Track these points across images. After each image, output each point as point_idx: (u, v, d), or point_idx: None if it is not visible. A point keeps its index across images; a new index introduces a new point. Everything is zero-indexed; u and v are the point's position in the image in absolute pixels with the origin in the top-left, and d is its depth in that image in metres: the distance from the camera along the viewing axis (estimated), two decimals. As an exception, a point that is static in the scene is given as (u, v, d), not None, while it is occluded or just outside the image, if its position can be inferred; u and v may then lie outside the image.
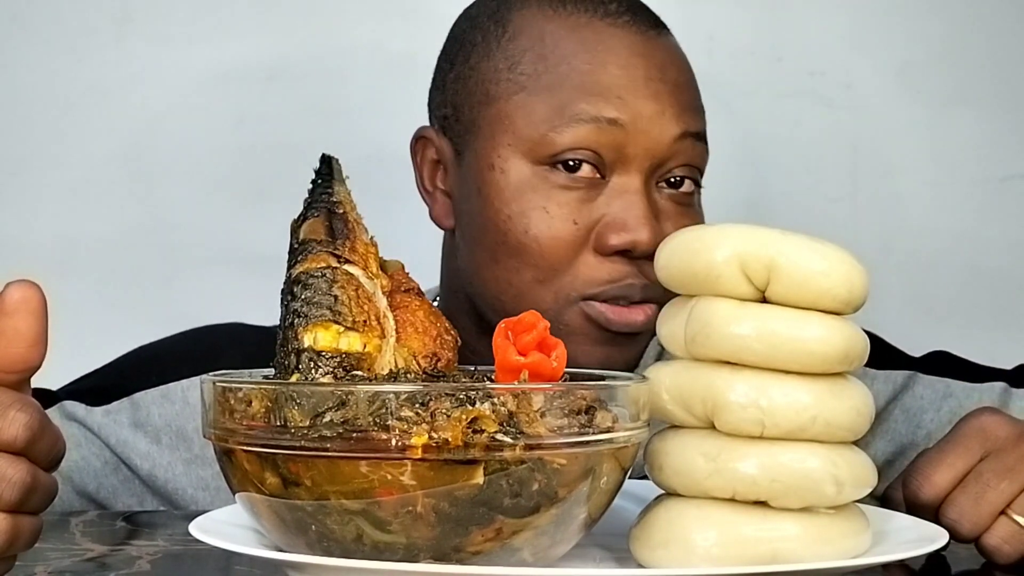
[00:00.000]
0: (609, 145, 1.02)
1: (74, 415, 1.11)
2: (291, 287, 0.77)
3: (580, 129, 1.02)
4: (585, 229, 1.03)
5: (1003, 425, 0.89)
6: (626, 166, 1.03)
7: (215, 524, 0.78)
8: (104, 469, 1.11)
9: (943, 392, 1.17)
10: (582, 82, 1.03)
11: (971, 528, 0.86)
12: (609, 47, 1.05)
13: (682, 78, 1.07)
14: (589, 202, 1.03)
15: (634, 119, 1.03)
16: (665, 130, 1.03)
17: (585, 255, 1.03)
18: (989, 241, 1.53)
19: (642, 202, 1.03)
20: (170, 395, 1.12)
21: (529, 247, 1.03)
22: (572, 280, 1.03)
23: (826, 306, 0.75)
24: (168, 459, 1.11)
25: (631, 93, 1.03)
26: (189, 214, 1.48)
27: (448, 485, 0.69)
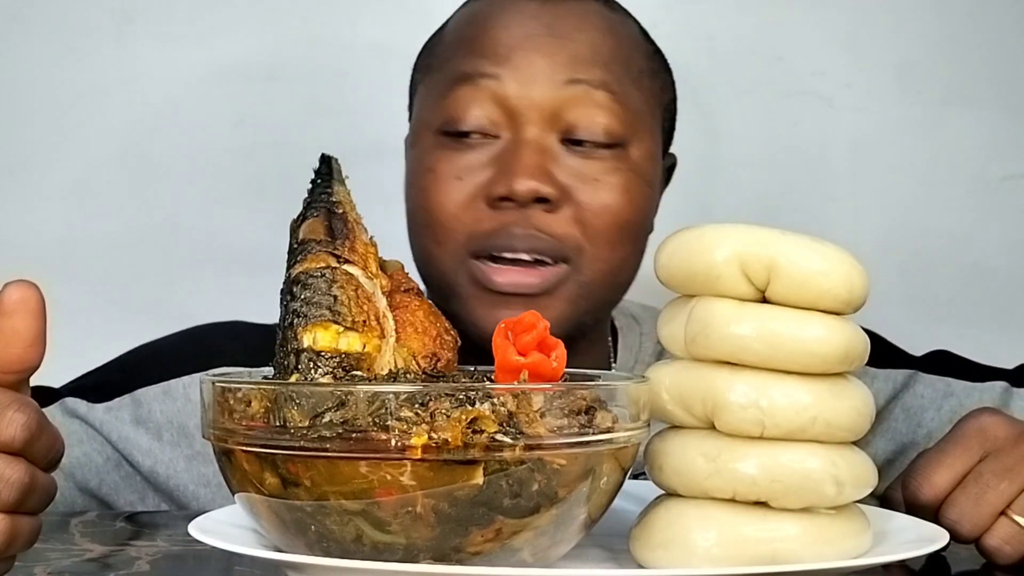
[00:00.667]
0: (490, 100, 1.03)
1: (76, 412, 1.11)
2: (290, 287, 0.77)
3: (462, 89, 1.04)
4: (473, 186, 1.03)
5: (1003, 425, 0.89)
6: (515, 120, 1.03)
7: (215, 524, 0.78)
8: (106, 465, 1.11)
9: (944, 391, 1.18)
10: (467, 47, 1.06)
11: (971, 529, 0.86)
12: (497, 13, 1.06)
13: (580, 35, 1.05)
14: (480, 160, 1.03)
15: (513, 71, 1.03)
16: (548, 79, 1.03)
17: (475, 211, 1.03)
18: (989, 241, 1.53)
19: (526, 150, 1.02)
20: (171, 392, 1.12)
21: (421, 208, 1.05)
22: (461, 237, 1.03)
23: (826, 306, 0.75)
24: (169, 455, 1.11)
25: (510, 48, 1.04)
26: (189, 214, 1.47)
27: (448, 485, 0.69)
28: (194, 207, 1.48)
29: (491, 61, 1.03)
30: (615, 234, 1.04)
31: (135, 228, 1.47)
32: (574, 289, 1.04)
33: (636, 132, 1.06)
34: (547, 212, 1.01)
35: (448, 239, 1.03)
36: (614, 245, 1.04)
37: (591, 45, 1.05)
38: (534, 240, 1.01)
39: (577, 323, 1.05)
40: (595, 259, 1.03)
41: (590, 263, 1.03)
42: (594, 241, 1.03)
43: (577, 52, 1.04)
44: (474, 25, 1.07)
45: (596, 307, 1.07)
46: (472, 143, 1.03)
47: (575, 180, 1.03)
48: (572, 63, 1.03)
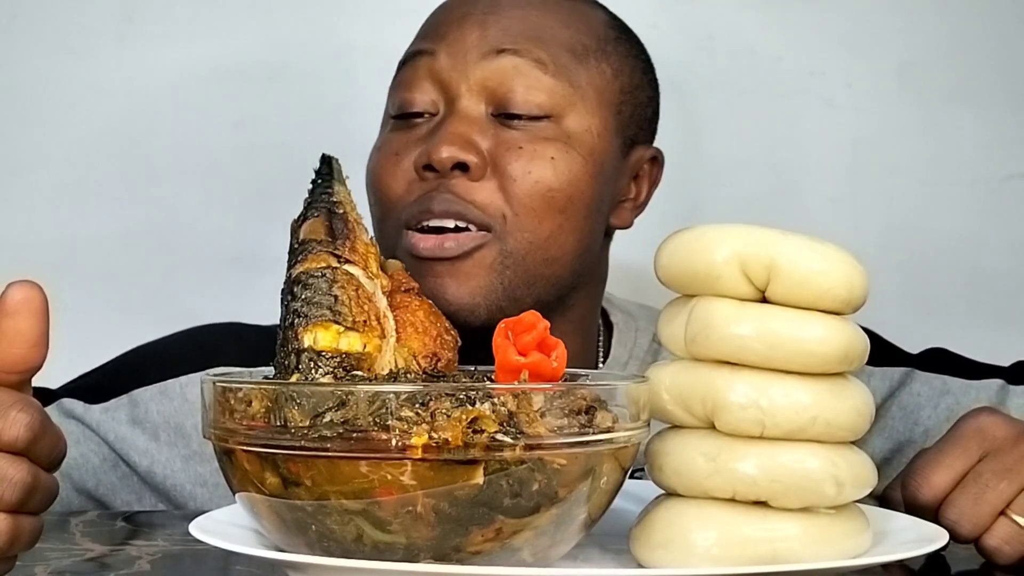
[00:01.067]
0: (428, 78, 1.05)
1: (72, 412, 1.11)
2: (291, 287, 0.78)
3: (405, 71, 1.07)
4: (408, 160, 1.04)
5: (1001, 425, 0.89)
6: (448, 94, 1.05)
7: (215, 524, 0.78)
8: (103, 466, 1.11)
9: (940, 389, 1.18)
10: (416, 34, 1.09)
11: (971, 529, 0.86)
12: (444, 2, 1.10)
13: (517, 11, 1.06)
14: (417, 136, 1.05)
15: (448, 47, 1.05)
16: (474, 50, 1.04)
17: (407, 184, 1.04)
18: (989, 241, 1.53)
19: (453, 121, 1.03)
20: (168, 392, 1.12)
21: (370, 187, 1.06)
22: (397, 210, 1.04)
23: (826, 306, 0.75)
24: (166, 455, 1.11)
25: (448, 26, 1.06)
26: (189, 214, 1.47)
27: (448, 485, 0.69)
28: (194, 207, 1.48)
29: (429, 39, 1.06)
30: (540, 204, 1.03)
31: (135, 228, 1.47)
32: (496, 257, 1.02)
33: (572, 105, 1.05)
34: (469, 180, 1.02)
35: (389, 215, 1.05)
36: (540, 216, 1.03)
37: (525, 20, 1.06)
38: (451, 204, 1.01)
39: (509, 296, 1.03)
40: (519, 228, 1.03)
41: (514, 232, 1.03)
42: (519, 211, 1.02)
43: (509, 26, 1.05)
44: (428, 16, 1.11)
45: (527, 281, 1.04)
46: (416, 123, 1.06)
47: (499, 148, 1.03)
48: (502, 35, 1.04)
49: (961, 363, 1.20)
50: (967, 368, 1.20)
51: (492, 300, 1.02)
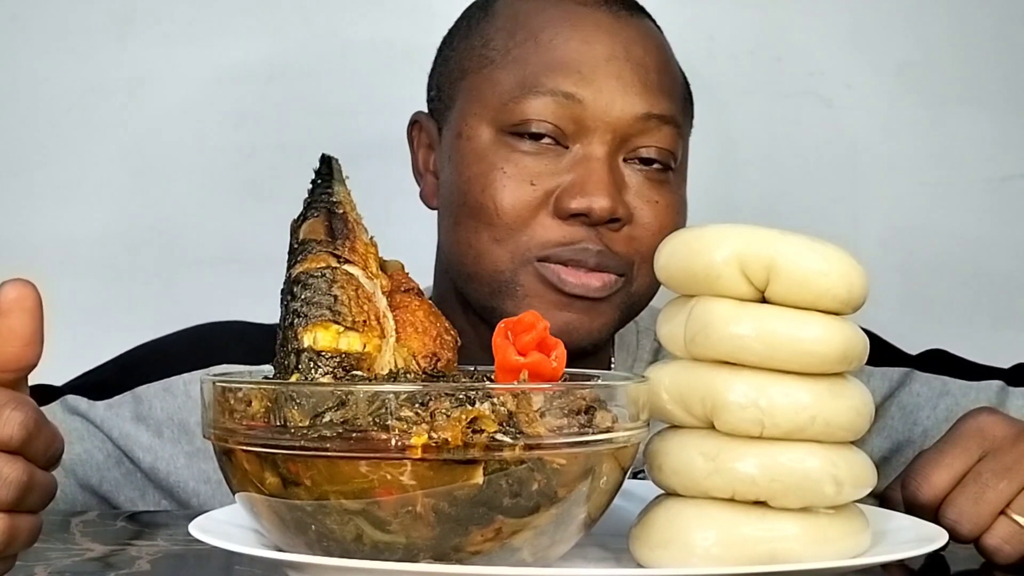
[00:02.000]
0: (567, 118, 1.04)
1: (76, 409, 1.11)
2: (291, 287, 0.78)
3: (538, 101, 1.04)
4: (543, 192, 1.04)
5: (1001, 425, 0.89)
6: (587, 138, 1.04)
7: (215, 524, 0.78)
8: (107, 462, 1.11)
9: (940, 390, 1.18)
10: (545, 57, 1.05)
11: (971, 528, 0.86)
12: (574, 24, 1.06)
13: (649, 59, 1.06)
14: (550, 167, 1.04)
15: (594, 95, 1.04)
16: (626, 109, 1.04)
17: (542, 217, 1.04)
18: (989, 241, 1.53)
19: (602, 169, 1.03)
20: (172, 388, 1.12)
21: (486, 206, 1.04)
22: (528, 240, 1.04)
23: (825, 306, 0.75)
24: (170, 452, 1.11)
25: (591, 69, 1.04)
26: (189, 214, 1.48)
27: (448, 485, 0.69)
28: (194, 207, 1.48)
29: (572, 80, 1.04)
30: None
31: (135, 228, 1.47)
32: (624, 300, 1.06)
33: (682, 157, 1.10)
34: (613, 231, 1.03)
35: (510, 239, 1.04)
36: None
37: (659, 73, 1.07)
38: (605, 257, 1.04)
39: (617, 329, 1.09)
40: (643, 274, 1.06)
41: (639, 277, 1.06)
42: (644, 257, 1.05)
43: (650, 81, 1.06)
44: (548, 29, 1.07)
45: (633, 316, 1.10)
46: (540, 149, 1.04)
47: (637, 200, 1.05)
48: (646, 93, 1.05)
49: (960, 364, 1.21)
50: (967, 369, 1.20)
51: (609, 334, 1.08)
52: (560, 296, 1.03)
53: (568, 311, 1.03)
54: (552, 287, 1.03)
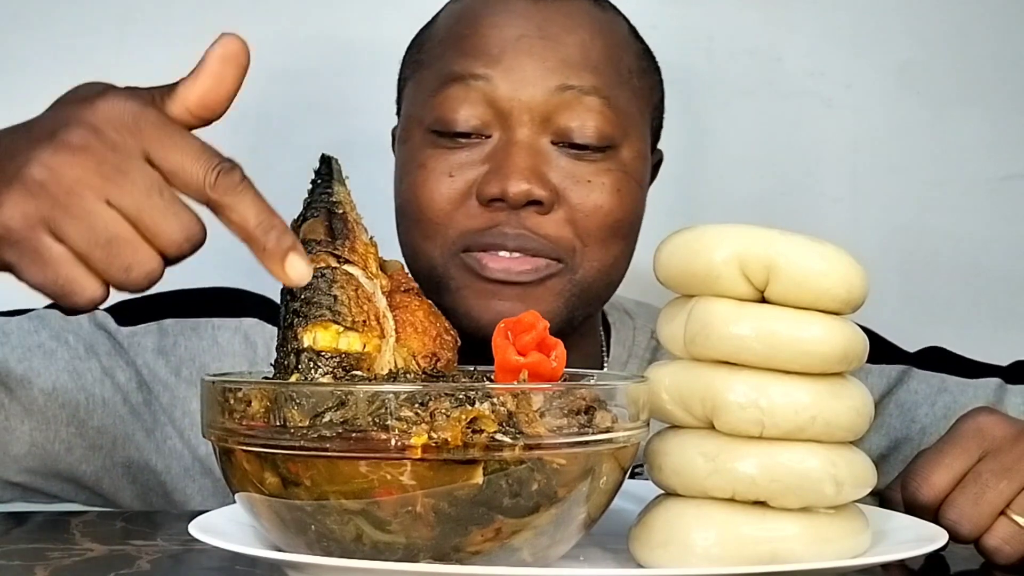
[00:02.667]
0: (482, 102, 1.03)
1: (105, 326, 1.11)
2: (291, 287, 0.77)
3: (452, 89, 1.04)
4: (463, 182, 1.03)
5: (1000, 425, 0.89)
6: (506, 121, 1.03)
7: (215, 524, 0.78)
8: (128, 385, 1.10)
9: (938, 387, 1.18)
10: (458, 46, 1.06)
11: (971, 529, 0.86)
12: (488, 12, 1.06)
13: (570, 37, 1.05)
14: (471, 158, 1.04)
15: (503, 73, 1.03)
16: (539, 84, 1.03)
17: (466, 208, 1.03)
18: (989, 241, 1.53)
19: (519, 152, 1.02)
20: (200, 330, 1.12)
21: (411, 203, 1.05)
22: (452, 232, 1.03)
23: (825, 306, 0.75)
24: (184, 393, 1.11)
25: (500, 50, 1.04)
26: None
27: (448, 485, 0.69)
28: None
29: (482, 62, 1.04)
30: (607, 234, 1.04)
31: (135, 228, 1.47)
32: (566, 286, 1.04)
33: (626, 134, 1.06)
34: (539, 214, 1.02)
35: (438, 234, 1.04)
36: (607, 245, 1.04)
37: (581, 47, 1.05)
38: (525, 240, 1.02)
39: (568, 319, 1.06)
40: (588, 259, 1.04)
41: (583, 262, 1.04)
42: (587, 241, 1.03)
43: (567, 55, 1.04)
44: (464, 23, 1.07)
45: (588, 304, 1.07)
46: (464, 143, 1.04)
47: (567, 181, 1.03)
48: (562, 67, 1.03)
49: (959, 361, 1.21)
50: (965, 367, 1.20)
51: (556, 323, 1.03)
52: (486, 284, 1.02)
53: (499, 299, 1.02)
54: (477, 276, 1.02)
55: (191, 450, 1.11)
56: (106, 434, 1.09)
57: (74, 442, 1.08)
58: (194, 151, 0.74)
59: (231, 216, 0.74)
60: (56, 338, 1.08)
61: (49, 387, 1.07)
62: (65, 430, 1.08)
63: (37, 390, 1.06)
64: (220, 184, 0.74)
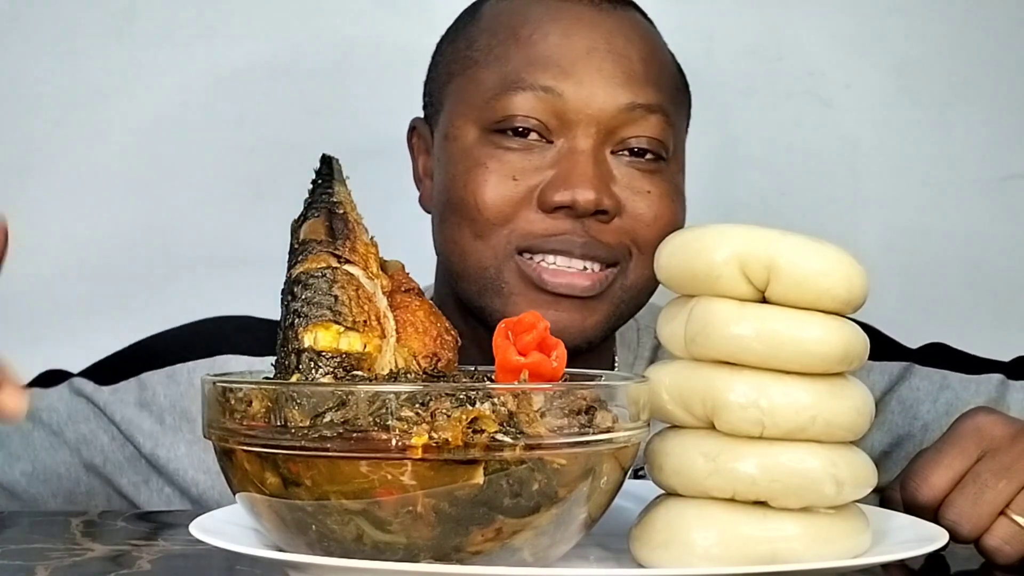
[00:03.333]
0: (549, 112, 1.03)
1: (82, 391, 1.13)
2: (291, 287, 0.78)
3: (519, 96, 1.03)
4: (526, 187, 1.03)
5: (999, 424, 0.89)
6: (571, 131, 1.03)
7: (215, 524, 0.78)
8: (111, 445, 1.12)
9: (940, 383, 1.18)
10: (525, 53, 1.05)
11: (971, 529, 0.86)
12: (554, 18, 1.06)
13: (633, 50, 1.05)
14: (534, 163, 1.03)
15: (574, 88, 1.03)
16: (608, 100, 1.03)
17: (526, 212, 1.03)
18: (989, 241, 1.53)
19: (587, 162, 1.02)
20: (176, 376, 1.13)
21: (467, 201, 1.04)
22: (509, 234, 1.03)
23: (826, 306, 0.75)
24: (171, 440, 1.12)
25: (571, 63, 1.04)
26: (189, 214, 1.47)
27: (448, 485, 0.69)
28: (194, 207, 1.48)
29: (551, 74, 1.03)
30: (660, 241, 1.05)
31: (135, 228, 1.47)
32: (618, 292, 1.05)
33: (675, 148, 1.08)
34: (602, 223, 1.03)
35: (493, 234, 1.04)
36: None
37: (644, 63, 1.06)
38: (590, 247, 1.03)
39: (614, 326, 1.07)
40: (642, 265, 1.05)
41: (636, 268, 1.05)
42: (643, 249, 1.04)
43: (633, 71, 1.05)
44: (528, 27, 1.06)
45: (632, 311, 1.08)
46: (525, 145, 1.04)
47: (627, 192, 1.04)
48: (630, 83, 1.04)
49: (960, 358, 1.21)
50: (966, 363, 1.20)
51: (605, 331, 1.06)
52: (545, 295, 1.03)
53: (556, 309, 1.02)
54: (534, 285, 1.03)
55: (184, 493, 1.13)
56: (97, 495, 1.13)
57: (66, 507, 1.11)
58: None
59: None
60: (31, 419, 1.11)
61: (29, 468, 1.10)
62: (53, 502, 1.11)
63: (19, 473, 1.10)
64: None
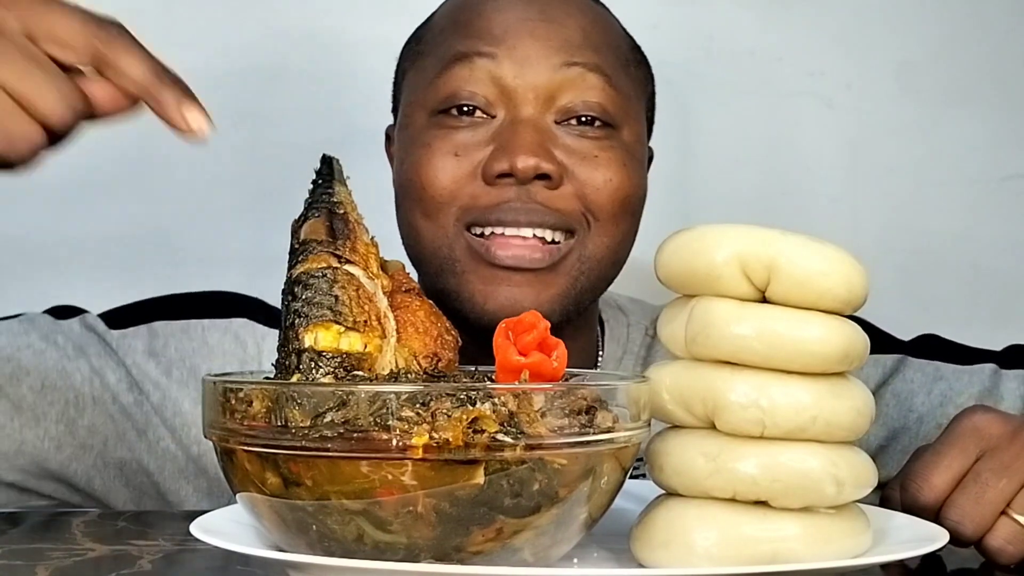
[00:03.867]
0: (487, 82, 1.03)
1: (95, 328, 1.12)
2: (292, 287, 0.78)
3: (456, 68, 1.04)
4: (469, 162, 1.03)
5: (996, 423, 0.89)
6: (511, 99, 1.03)
7: (215, 524, 0.78)
8: (119, 386, 1.10)
9: (933, 375, 1.18)
10: (460, 30, 1.06)
11: (974, 529, 0.86)
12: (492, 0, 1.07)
13: (570, 20, 1.06)
14: (476, 138, 1.04)
15: (508, 52, 1.03)
16: (543, 63, 1.03)
17: (471, 186, 1.03)
18: (989, 241, 1.53)
19: (525, 129, 1.02)
20: (190, 331, 1.13)
21: (414, 182, 1.04)
22: (455, 210, 1.03)
23: (826, 306, 0.75)
24: (176, 394, 1.11)
25: (503, 30, 1.04)
26: (189, 214, 1.48)
27: (449, 485, 0.69)
28: (194, 207, 1.48)
29: (486, 41, 1.04)
30: (618, 208, 1.05)
31: (135, 228, 1.47)
32: (575, 264, 1.04)
33: (627, 115, 1.07)
34: (548, 188, 1.02)
35: (440, 212, 1.04)
36: (617, 220, 1.05)
37: (582, 31, 1.06)
38: (537, 214, 1.02)
39: (575, 301, 1.05)
40: (600, 233, 1.04)
41: (595, 237, 1.05)
42: (598, 215, 1.04)
43: (570, 37, 1.05)
44: (465, 10, 1.08)
45: (594, 285, 1.07)
46: (468, 122, 1.04)
47: (574, 158, 1.04)
48: (566, 46, 1.04)
49: (953, 349, 1.21)
50: (959, 353, 1.20)
51: (565, 305, 1.04)
52: (495, 270, 1.02)
53: (508, 285, 1.02)
54: (484, 261, 1.02)
55: (184, 450, 1.11)
56: (97, 433, 1.10)
57: (64, 440, 1.09)
58: (70, 14, 0.74)
59: (122, 71, 0.75)
60: (45, 339, 1.09)
61: (38, 385, 1.07)
62: (55, 427, 1.08)
63: (26, 387, 1.07)
64: (103, 40, 0.74)
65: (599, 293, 1.09)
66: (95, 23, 0.75)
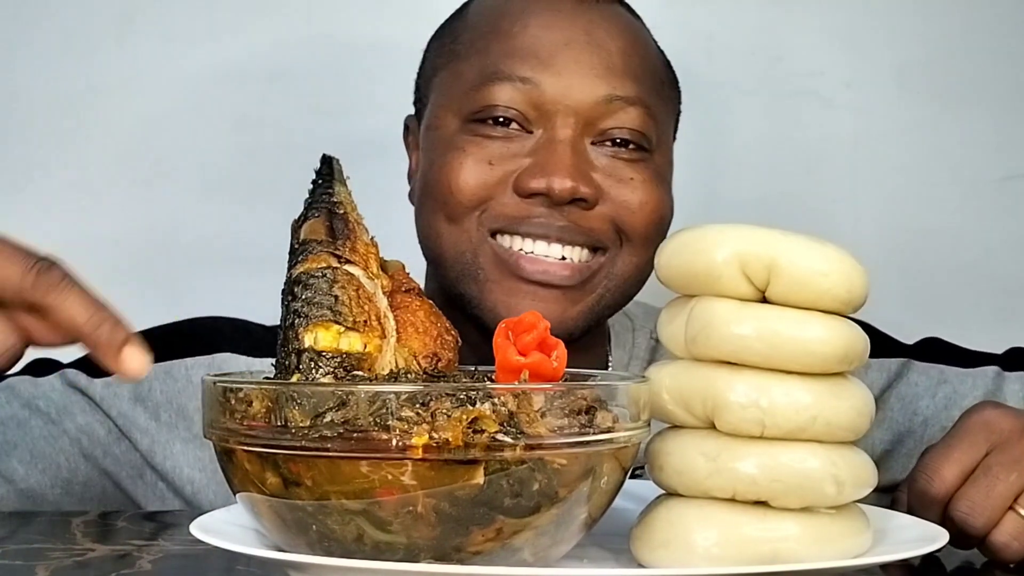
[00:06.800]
0: (528, 102, 1.04)
1: (76, 383, 1.11)
2: (291, 287, 0.78)
3: (498, 87, 1.04)
4: (502, 172, 1.03)
5: (1006, 418, 0.89)
6: (551, 121, 1.04)
7: (216, 524, 0.78)
8: (108, 438, 1.11)
9: (937, 378, 1.18)
10: (504, 45, 1.06)
11: (984, 521, 0.85)
12: (534, 11, 1.06)
13: (613, 43, 1.06)
14: (512, 150, 1.04)
15: (552, 79, 1.03)
16: (586, 91, 1.03)
17: (501, 195, 1.03)
18: (989, 241, 1.53)
19: (565, 150, 1.03)
20: (173, 372, 1.12)
21: (442, 184, 1.04)
22: (481, 215, 1.04)
23: (826, 306, 0.75)
24: (166, 437, 1.11)
25: (549, 54, 1.04)
26: (189, 214, 1.48)
27: (449, 485, 0.69)
28: (194, 207, 1.48)
29: (529, 65, 1.04)
30: (652, 230, 1.06)
31: (136, 229, 1.47)
32: (603, 281, 1.05)
33: (660, 141, 1.08)
34: (583, 210, 1.02)
35: (465, 217, 1.04)
36: (648, 241, 1.05)
37: (624, 55, 1.06)
38: (568, 232, 1.03)
39: (598, 316, 1.07)
40: (630, 253, 1.05)
41: (625, 256, 1.05)
42: (631, 237, 1.05)
43: (612, 63, 1.05)
44: (508, 19, 1.07)
45: (617, 301, 1.08)
46: (503, 133, 1.04)
47: (609, 180, 1.04)
48: (608, 75, 1.04)
49: (956, 352, 1.21)
50: (962, 356, 1.20)
51: (588, 321, 1.06)
52: (521, 283, 1.03)
53: (534, 299, 1.02)
54: (511, 273, 1.03)
55: (177, 491, 1.12)
56: (93, 486, 1.11)
57: (62, 501, 1.10)
58: (6, 254, 0.73)
59: (58, 315, 0.74)
60: (27, 406, 1.09)
61: (27, 456, 1.09)
62: (51, 492, 1.10)
63: (16, 460, 1.09)
64: (40, 284, 0.74)
65: (620, 308, 1.10)
66: (32, 268, 0.74)
